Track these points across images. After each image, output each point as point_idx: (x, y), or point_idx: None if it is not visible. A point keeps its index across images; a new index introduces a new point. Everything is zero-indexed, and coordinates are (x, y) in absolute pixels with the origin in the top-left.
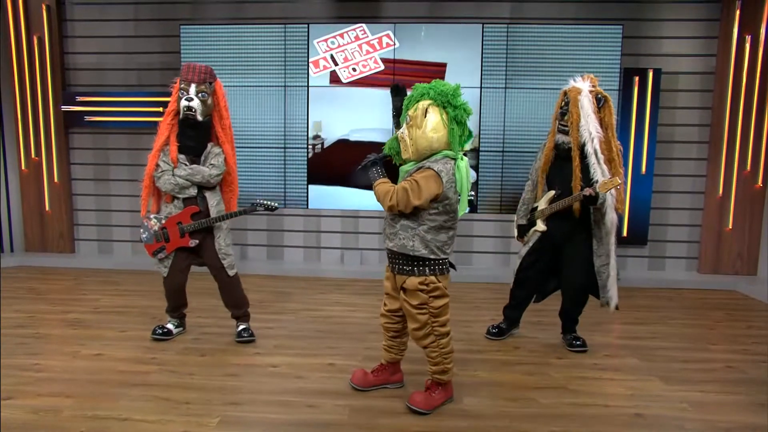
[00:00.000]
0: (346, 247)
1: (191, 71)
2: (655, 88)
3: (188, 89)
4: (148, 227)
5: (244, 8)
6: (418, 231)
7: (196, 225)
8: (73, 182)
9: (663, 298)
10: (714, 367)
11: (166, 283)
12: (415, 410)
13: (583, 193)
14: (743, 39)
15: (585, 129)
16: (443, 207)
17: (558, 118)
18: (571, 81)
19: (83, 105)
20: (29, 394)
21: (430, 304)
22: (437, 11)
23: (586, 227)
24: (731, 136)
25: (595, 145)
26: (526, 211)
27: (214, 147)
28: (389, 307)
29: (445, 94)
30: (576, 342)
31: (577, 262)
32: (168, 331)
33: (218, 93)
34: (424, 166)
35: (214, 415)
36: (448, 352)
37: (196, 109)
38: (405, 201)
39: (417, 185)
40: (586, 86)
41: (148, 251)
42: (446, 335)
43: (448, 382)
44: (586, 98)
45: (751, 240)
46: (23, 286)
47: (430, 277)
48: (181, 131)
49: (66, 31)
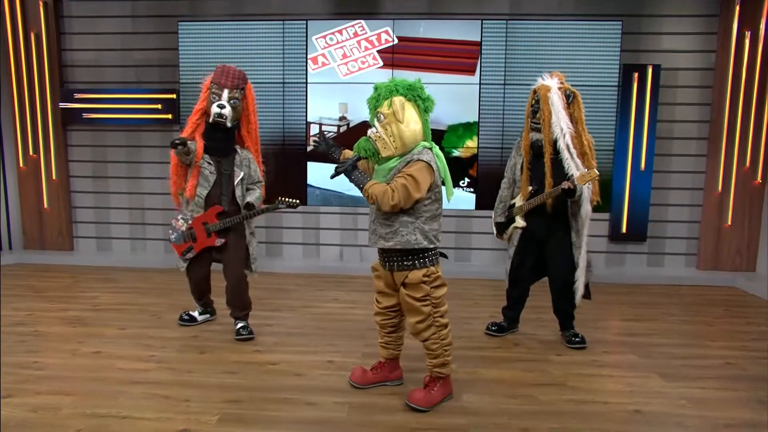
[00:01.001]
0: (345, 244)
1: (225, 76)
2: (655, 84)
3: (221, 94)
4: (176, 227)
5: (243, 4)
6: (417, 224)
7: (220, 225)
8: (72, 179)
9: (662, 294)
10: (713, 363)
11: (190, 275)
12: (415, 408)
13: (561, 186)
14: (743, 35)
15: (556, 125)
16: (435, 195)
17: (530, 117)
18: (539, 79)
19: (81, 102)
20: (28, 392)
21: (432, 295)
22: (436, 7)
23: (565, 221)
24: (730, 132)
25: (567, 140)
26: (503, 208)
27: (244, 151)
28: (384, 305)
29: (414, 88)
30: (575, 338)
31: (561, 259)
32: (192, 318)
33: (249, 97)
34: (412, 160)
35: (214, 413)
36: (448, 344)
37: (227, 116)
38: (407, 197)
39: (413, 179)
40: (554, 83)
41: (178, 251)
42: (446, 326)
43: (447, 378)
44: (556, 95)
45: (750, 236)
46: (22, 283)
47: (431, 267)
48: (208, 133)
49: (63, 27)
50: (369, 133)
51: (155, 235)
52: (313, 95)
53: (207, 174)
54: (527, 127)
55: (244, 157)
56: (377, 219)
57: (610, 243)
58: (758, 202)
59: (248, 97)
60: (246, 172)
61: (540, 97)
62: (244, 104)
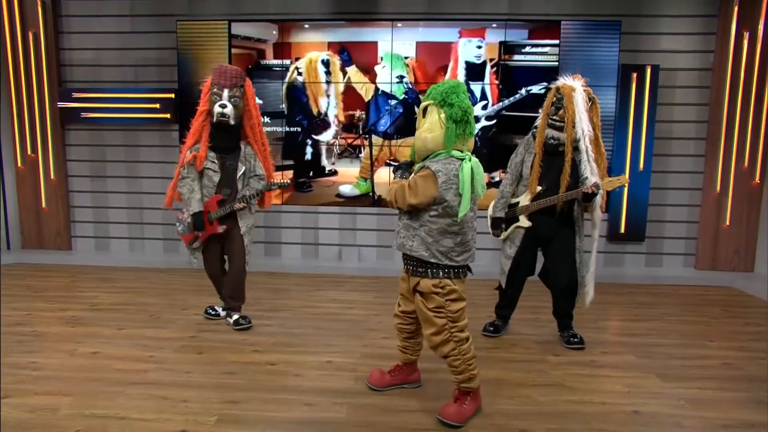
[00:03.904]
0: (344, 244)
1: (223, 76)
2: (653, 85)
3: (221, 94)
4: (182, 220)
5: (241, 4)
6: (419, 232)
7: (221, 211)
8: (70, 179)
9: (660, 294)
10: (711, 363)
11: (207, 271)
12: (449, 423)
13: (583, 189)
14: (741, 35)
15: (579, 126)
16: (443, 209)
17: (550, 114)
18: (561, 79)
19: (79, 101)
20: (26, 392)
21: (447, 308)
22: (434, 8)
23: (571, 224)
24: (729, 132)
25: (587, 143)
26: (504, 204)
27: (247, 147)
28: (403, 308)
29: (441, 92)
30: (573, 339)
31: (565, 260)
32: (216, 314)
33: (248, 93)
34: (424, 166)
35: (212, 413)
36: (471, 357)
37: (230, 115)
38: (402, 198)
39: (415, 184)
40: (579, 84)
41: (185, 242)
42: (466, 340)
43: (476, 390)
44: (581, 96)
45: (748, 236)
46: (20, 283)
47: (444, 279)
48: (214, 133)
49: (61, 26)
50: None
51: (154, 234)
52: None
53: (211, 174)
54: (543, 123)
55: (248, 152)
56: (398, 217)
57: (609, 243)
58: (756, 202)
59: (248, 93)
60: (247, 166)
61: (564, 95)
62: (245, 101)
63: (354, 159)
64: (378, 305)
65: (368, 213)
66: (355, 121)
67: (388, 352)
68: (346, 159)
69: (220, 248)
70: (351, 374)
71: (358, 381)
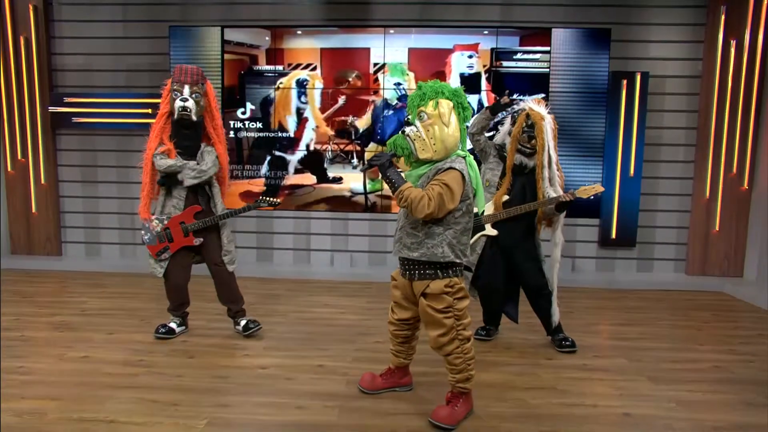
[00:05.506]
0: (336, 250)
1: (184, 73)
2: (643, 92)
3: (182, 90)
4: (149, 229)
5: (234, 10)
6: (446, 235)
7: (200, 224)
8: (61, 184)
9: (651, 299)
10: (702, 367)
11: (168, 281)
12: (441, 426)
13: (561, 198)
14: (728, 43)
15: (546, 154)
16: (467, 207)
17: (522, 141)
18: (525, 103)
19: (71, 106)
20: (14, 397)
21: (455, 306)
22: (427, 15)
23: (530, 228)
24: (717, 138)
25: (553, 167)
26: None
27: (207, 147)
28: (398, 317)
29: (458, 94)
30: (565, 343)
31: (529, 264)
32: (170, 330)
33: (209, 94)
34: (443, 168)
35: (203, 417)
36: (471, 357)
37: (191, 109)
38: (441, 206)
39: (449, 189)
40: (544, 111)
41: (152, 252)
42: (469, 339)
43: (468, 392)
44: (549, 125)
45: (737, 242)
46: (9, 289)
47: (454, 278)
48: (176, 132)
49: (53, 31)
50: (407, 131)
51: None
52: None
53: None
54: (513, 149)
55: (202, 150)
56: (405, 227)
57: (600, 248)
58: (745, 208)
59: (209, 94)
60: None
61: (534, 124)
62: (206, 101)
63: (347, 165)
64: (370, 310)
65: (360, 219)
66: (347, 126)
67: (379, 356)
68: (338, 165)
69: (191, 258)
70: (342, 378)
71: (349, 384)
